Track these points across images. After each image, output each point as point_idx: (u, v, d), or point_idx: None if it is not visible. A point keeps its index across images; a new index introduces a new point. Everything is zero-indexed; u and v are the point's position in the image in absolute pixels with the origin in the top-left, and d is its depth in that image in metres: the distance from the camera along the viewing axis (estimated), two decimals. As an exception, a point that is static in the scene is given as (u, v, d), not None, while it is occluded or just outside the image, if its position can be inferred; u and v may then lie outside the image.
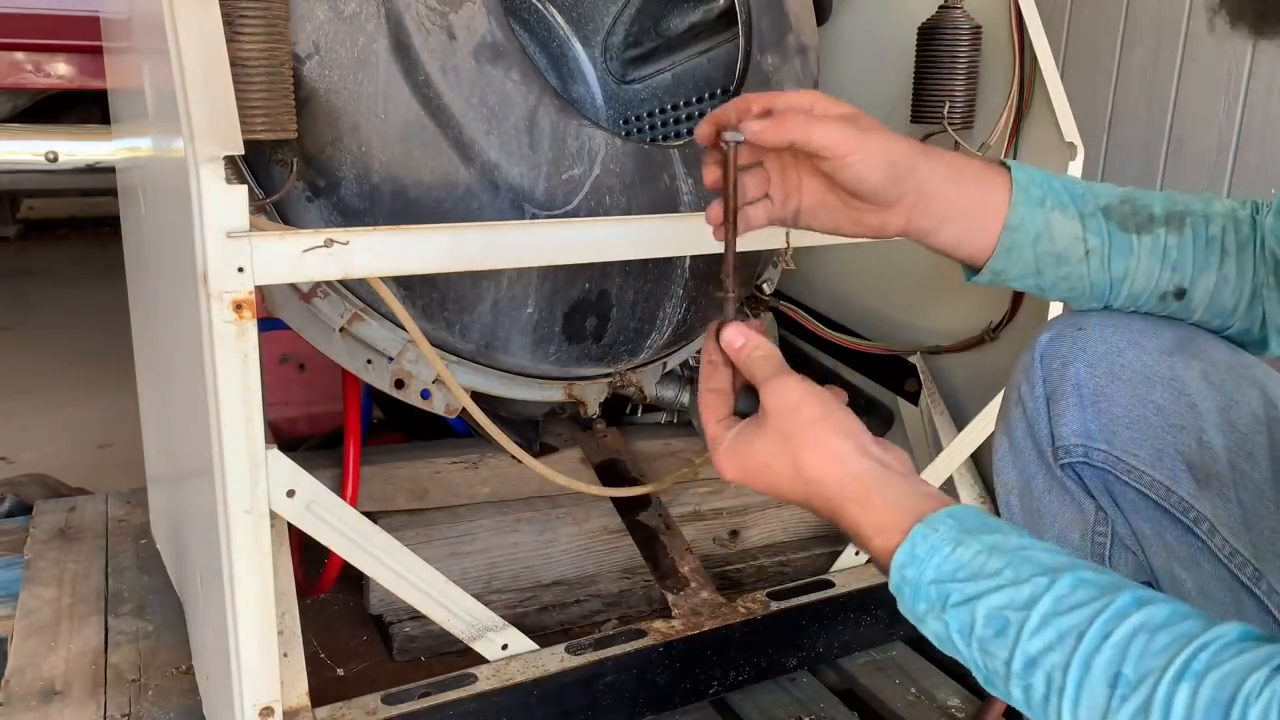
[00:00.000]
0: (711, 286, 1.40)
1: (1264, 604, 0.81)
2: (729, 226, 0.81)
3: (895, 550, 0.68)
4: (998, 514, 0.97)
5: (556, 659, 1.23)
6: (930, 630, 0.69)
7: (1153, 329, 0.92)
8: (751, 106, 0.82)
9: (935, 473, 1.51)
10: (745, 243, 0.86)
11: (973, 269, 0.92)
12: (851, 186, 0.84)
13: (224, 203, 0.89)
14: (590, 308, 1.33)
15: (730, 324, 0.79)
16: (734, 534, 1.68)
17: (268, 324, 1.11)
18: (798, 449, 0.73)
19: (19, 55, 2.55)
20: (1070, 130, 1.41)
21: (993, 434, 1.49)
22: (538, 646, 1.24)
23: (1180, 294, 0.92)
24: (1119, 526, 0.93)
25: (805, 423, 0.73)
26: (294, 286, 1.24)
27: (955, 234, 0.89)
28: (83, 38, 2.51)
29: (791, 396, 0.74)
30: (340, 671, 1.37)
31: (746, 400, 0.80)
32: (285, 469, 1.00)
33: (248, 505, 0.96)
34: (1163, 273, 0.91)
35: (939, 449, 1.56)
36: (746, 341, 0.78)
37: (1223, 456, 0.84)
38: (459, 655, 1.31)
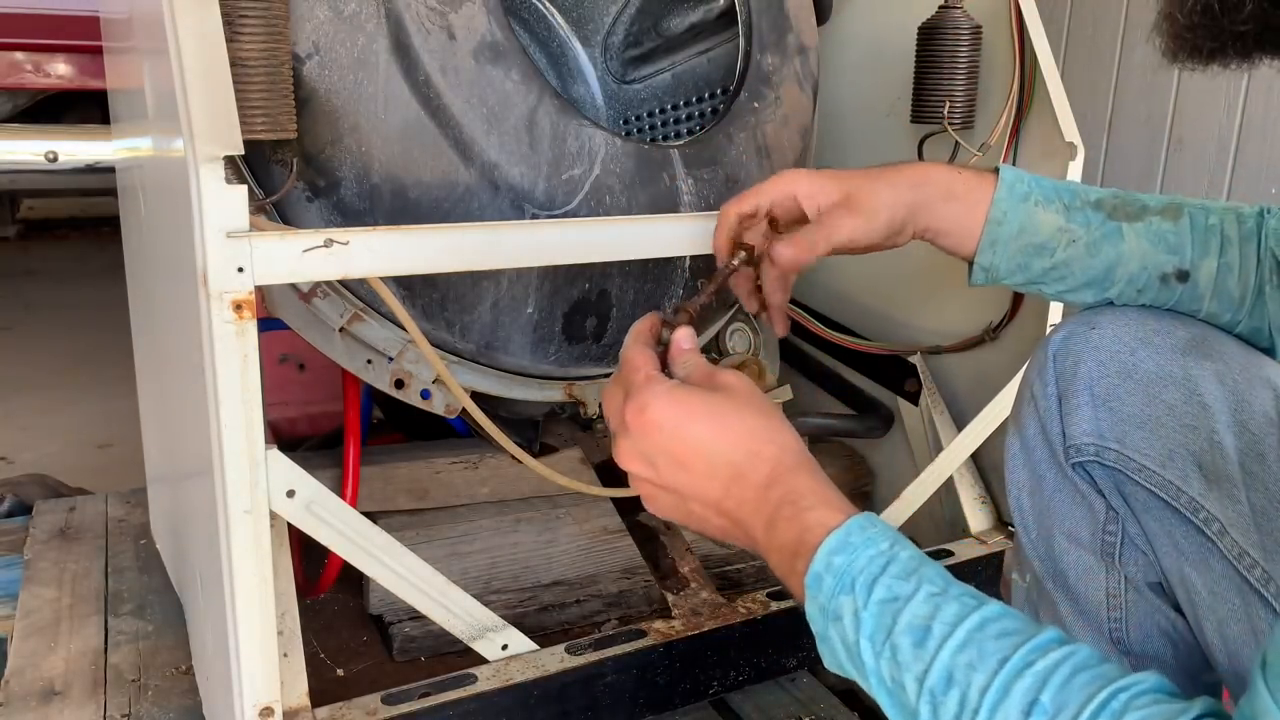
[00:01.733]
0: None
1: (1272, 606, 0.81)
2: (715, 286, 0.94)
3: (830, 532, 0.67)
4: (1003, 513, 0.98)
5: (556, 659, 1.23)
6: (834, 633, 0.67)
7: (1166, 328, 0.92)
8: (742, 209, 0.96)
9: (935, 473, 1.51)
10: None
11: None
12: (858, 249, 0.97)
13: (224, 203, 0.89)
14: (590, 308, 1.33)
15: (685, 326, 0.82)
16: (734, 534, 1.68)
17: (268, 324, 1.11)
18: (773, 415, 0.74)
19: (19, 55, 2.55)
20: (1070, 130, 1.41)
21: (994, 434, 1.50)
22: (538, 647, 1.24)
23: (1183, 276, 0.93)
24: (1129, 526, 0.93)
25: (771, 404, 0.76)
26: (294, 286, 1.24)
27: (952, 242, 0.97)
28: (83, 38, 2.51)
29: (748, 382, 0.76)
30: (340, 672, 1.36)
31: None
32: (285, 469, 1.00)
33: (248, 505, 0.96)
34: (1159, 255, 0.93)
35: (939, 449, 1.55)
36: (692, 348, 0.80)
37: (1234, 457, 0.84)
38: (459, 655, 1.30)
